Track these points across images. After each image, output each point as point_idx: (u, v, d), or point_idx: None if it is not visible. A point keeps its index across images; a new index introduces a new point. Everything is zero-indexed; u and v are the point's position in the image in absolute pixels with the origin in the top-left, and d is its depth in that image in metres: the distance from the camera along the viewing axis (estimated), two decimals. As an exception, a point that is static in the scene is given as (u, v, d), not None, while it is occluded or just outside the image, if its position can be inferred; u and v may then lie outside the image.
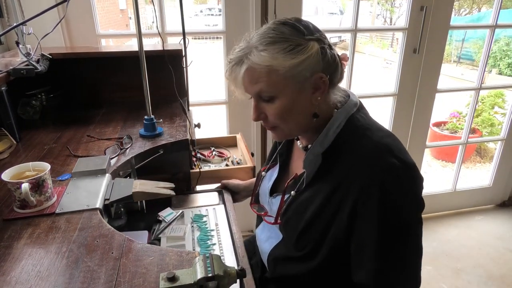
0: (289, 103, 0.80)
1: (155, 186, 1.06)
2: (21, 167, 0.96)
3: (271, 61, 0.76)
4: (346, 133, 0.82)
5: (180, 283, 0.64)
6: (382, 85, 6.68)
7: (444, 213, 2.76)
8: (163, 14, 1.88)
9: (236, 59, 0.80)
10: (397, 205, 0.75)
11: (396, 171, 0.74)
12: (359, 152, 0.79)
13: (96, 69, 1.69)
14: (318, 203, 0.82)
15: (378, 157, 0.76)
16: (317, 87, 0.80)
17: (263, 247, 1.03)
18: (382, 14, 9.89)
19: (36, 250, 0.80)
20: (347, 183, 0.77)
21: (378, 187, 0.73)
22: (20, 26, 1.26)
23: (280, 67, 0.76)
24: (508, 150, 2.70)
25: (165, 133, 1.37)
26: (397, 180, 0.75)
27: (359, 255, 0.79)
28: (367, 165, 0.76)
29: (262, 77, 0.78)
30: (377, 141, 0.79)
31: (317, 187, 0.85)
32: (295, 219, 0.88)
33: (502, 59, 5.98)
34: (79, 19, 1.81)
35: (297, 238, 0.87)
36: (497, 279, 2.15)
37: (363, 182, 0.75)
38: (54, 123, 1.50)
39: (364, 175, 0.75)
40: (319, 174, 0.84)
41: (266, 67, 0.76)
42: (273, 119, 0.83)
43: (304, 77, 0.77)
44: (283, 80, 0.77)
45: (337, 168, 0.81)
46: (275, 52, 0.76)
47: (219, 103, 2.20)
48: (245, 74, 0.79)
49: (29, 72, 1.27)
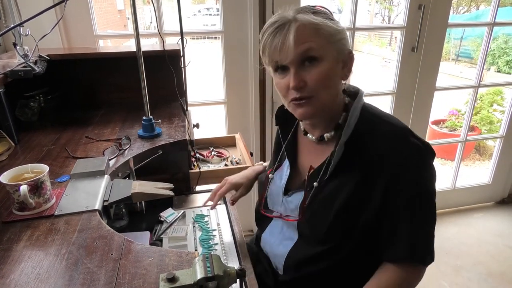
0: (330, 69, 0.81)
1: (154, 186, 1.06)
2: (20, 169, 0.95)
3: (319, 22, 0.79)
4: (365, 121, 0.85)
5: (180, 283, 0.64)
6: (380, 84, 6.68)
7: (444, 210, 2.76)
8: (161, 14, 1.88)
9: (283, 20, 0.79)
10: (424, 180, 0.82)
11: (419, 149, 0.82)
12: (384, 136, 0.83)
13: (94, 70, 1.69)
14: (348, 191, 0.83)
15: (403, 139, 0.82)
16: (346, 63, 0.85)
17: (277, 250, 1.00)
18: (381, 13, 9.90)
19: (36, 252, 0.80)
20: (377, 167, 0.81)
21: (407, 167, 0.80)
22: (18, 27, 1.26)
23: (326, 30, 0.79)
24: (507, 148, 2.70)
25: (164, 134, 1.37)
26: (421, 158, 0.82)
27: (394, 232, 0.82)
28: (394, 147, 0.81)
29: (311, 37, 0.78)
30: (397, 125, 0.84)
31: (342, 176, 0.85)
32: (322, 212, 0.87)
33: (501, 57, 5.99)
34: (77, 20, 1.81)
35: (326, 231, 0.86)
36: (497, 276, 2.16)
37: (393, 163, 0.80)
38: (53, 125, 1.50)
39: (393, 157, 0.80)
40: (342, 163, 0.85)
41: (315, 26, 0.78)
42: (314, 85, 0.80)
43: (341, 47, 0.82)
44: (327, 44, 0.80)
45: (362, 155, 0.83)
46: (320, 17, 0.80)
47: (218, 103, 2.20)
48: (296, 33, 0.78)
49: (26, 74, 1.27)
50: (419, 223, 0.82)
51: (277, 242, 1.00)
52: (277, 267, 1.02)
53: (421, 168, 0.82)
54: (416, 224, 0.82)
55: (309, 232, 0.91)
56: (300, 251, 0.94)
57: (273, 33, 0.79)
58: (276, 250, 1.00)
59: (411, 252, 0.82)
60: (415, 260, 0.83)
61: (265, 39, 0.81)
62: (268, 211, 1.02)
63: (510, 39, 5.88)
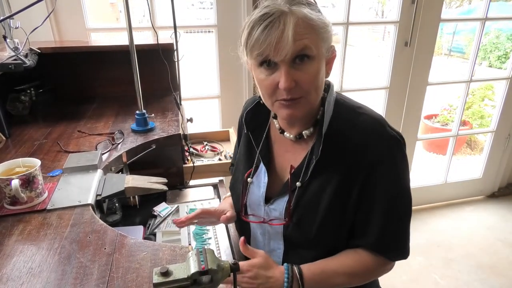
0: (320, 67, 0.76)
1: (148, 181, 1.05)
2: (11, 163, 0.95)
3: (315, 17, 0.73)
4: (340, 114, 0.83)
5: (173, 277, 0.64)
6: (373, 79, 6.70)
7: (435, 204, 2.79)
8: (153, 7, 1.86)
9: (276, 11, 0.71)
10: (400, 170, 0.82)
11: (397, 140, 0.81)
12: (362, 128, 0.81)
13: (86, 63, 1.67)
14: (333, 188, 0.81)
15: (381, 130, 0.81)
16: (329, 60, 0.81)
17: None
18: (374, 7, 9.89)
19: (28, 246, 0.79)
20: (357, 160, 0.80)
21: (386, 156, 0.79)
22: (7, 19, 1.24)
23: (320, 26, 0.74)
24: (497, 142, 2.73)
25: (157, 128, 1.36)
26: (399, 148, 0.81)
27: (367, 223, 0.82)
28: (373, 138, 0.80)
29: (307, 34, 0.72)
30: (373, 116, 0.83)
31: (325, 173, 0.82)
32: (309, 214, 0.83)
33: (492, 52, 6.03)
34: (68, 13, 1.78)
35: (316, 232, 0.83)
36: (486, 268, 2.19)
37: (372, 153, 0.79)
38: (44, 119, 1.48)
39: (372, 147, 0.79)
40: (323, 159, 0.81)
41: (311, 21, 0.73)
42: (306, 86, 0.75)
43: (329, 43, 0.78)
44: (320, 41, 0.75)
45: (342, 148, 0.81)
46: (312, 10, 0.74)
47: (212, 97, 2.19)
48: (294, 29, 0.70)
49: (17, 67, 1.25)
50: (393, 216, 0.82)
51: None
52: None
53: (398, 158, 0.81)
54: (389, 217, 0.81)
55: (298, 236, 0.86)
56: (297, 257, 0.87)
57: (267, 26, 0.70)
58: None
59: (378, 241, 0.82)
60: (380, 250, 0.83)
61: (254, 32, 0.72)
62: (250, 217, 0.94)
63: (501, 34, 5.92)
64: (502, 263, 2.23)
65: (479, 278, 2.11)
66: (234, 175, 1.02)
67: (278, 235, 0.90)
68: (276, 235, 0.90)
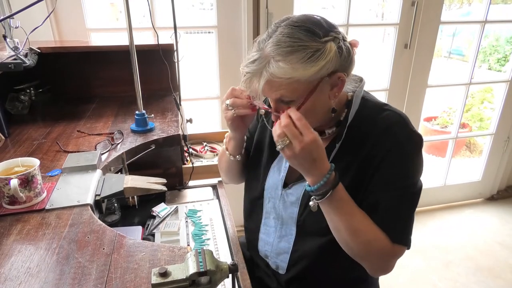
0: (309, 104, 0.79)
1: (147, 181, 1.05)
2: (10, 163, 0.95)
3: (292, 73, 0.74)
4: (366, 110, 0.87)
5: (172, 278, 0.64)
6: (373, 81, 6.69)
7: (434, 207, 2.79)
8: (154, 7, 1.86)
9: (254, 71, 0.77)
10: (414, 164, 0.85)
11: (416, 135, 0.85)
12: (385, 119, 0.85)
13: (86, 63, 1.67)
14: (350, 176, 0.85)
15: (403, 123, 0.85)
16: (335, 84, 0.81)
17: (280, 248, 0.98)
18: (374, 9, 9.91)
19: (26, 246, 0.79)
20: (377, 147, 0.83)
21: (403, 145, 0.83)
22: (7, 19, 1.24)
23: (301, 77, 0.75)
24: (497, 145, 2.73)
25: (157, 128, 1.36)
26: (417, 144, 0.85)
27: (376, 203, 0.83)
28: (395, 128, 0.84)
29: (283, 86, 0.77)
30: (398, 113, 0.87)
31: (344, 160, 0.85)
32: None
33: (492, 54, 6.04)
34: (68, 13, 1.78)
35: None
36: (485, 270, 2.19)
37: (391, 142, 0.82)
38: (44, 118, 1.48)
39: (391, 136, 0.83)
40: (342, 147, 0.86)
41: (287, 78, 0.75)
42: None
43: (324, 79, 0.78)
44: (303, 86, 0.77)
45: (363, 138, 0.84)
46: (295, 62, 0.74)
47: (212, 98, 2.19)
48: (265, 85, 0.78)
49: (17, 66, 1.25)
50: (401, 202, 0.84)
51: (277, 240, 0.99)
52: (278, 266, 1.00)
53: (414, 152, 0.84)
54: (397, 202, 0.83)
55: (311, 223, 0.90)
56: (306, 244, 0.92)
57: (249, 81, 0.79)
58: (279, 248, 0.98)
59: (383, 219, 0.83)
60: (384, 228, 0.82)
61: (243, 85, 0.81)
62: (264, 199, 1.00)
63: (501, 37, 5.93)
64: (500, 266, 2.23)
65: (477, 281, 2.11)
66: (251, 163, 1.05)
67: (291, 220, 0.94)
68: (289, 220, 0.94)
